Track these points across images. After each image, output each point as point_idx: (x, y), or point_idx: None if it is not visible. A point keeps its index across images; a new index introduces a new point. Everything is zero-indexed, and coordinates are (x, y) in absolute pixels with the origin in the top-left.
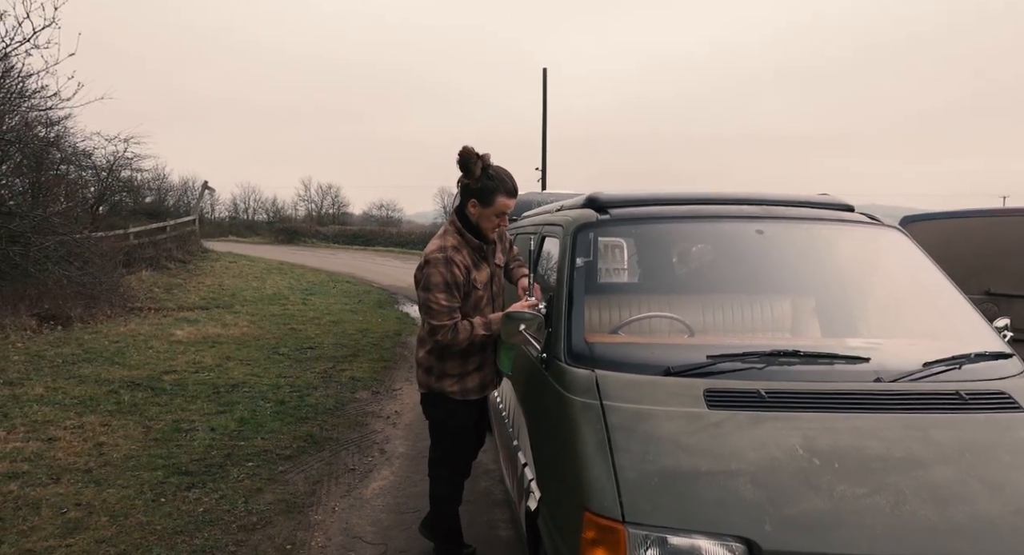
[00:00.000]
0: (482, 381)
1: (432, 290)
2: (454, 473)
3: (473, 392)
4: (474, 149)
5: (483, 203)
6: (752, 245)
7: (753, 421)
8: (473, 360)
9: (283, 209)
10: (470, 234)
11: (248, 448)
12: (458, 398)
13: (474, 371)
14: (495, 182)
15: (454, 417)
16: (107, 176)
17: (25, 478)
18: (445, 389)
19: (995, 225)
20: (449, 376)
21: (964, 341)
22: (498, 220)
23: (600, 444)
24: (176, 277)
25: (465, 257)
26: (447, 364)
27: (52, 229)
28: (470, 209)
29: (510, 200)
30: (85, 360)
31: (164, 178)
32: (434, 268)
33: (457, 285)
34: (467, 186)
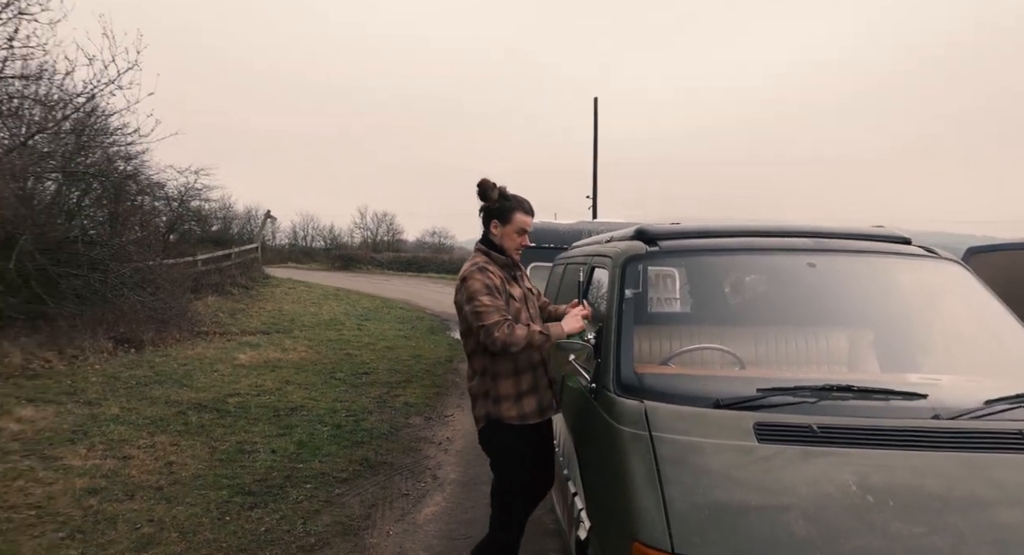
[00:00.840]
0: (540, 404)
1: (475, 297)
2: (525, 504)
3: (532, 416)
4: (490, 180)
5: (503, 221)
6: (804, 278)
7: (804, 456)
8: (525, 378)
9: (340, 236)
10: (496, 252)
11: (306, 470)
12: (517, 423)
13: (529, 392)
14: (512, 202)
15: (516, 444)
16: (178, 206)
17: (103, 494)
18: (503, 415)
19: None
20: (505, 399)
21: None
22: (519, 239)
23: (649, 475)
24: (239, 302)
25: (496, 271)
26: (500, 384)
27: (128, 257)
28: (492, 230)
29: (527, 217)
30: (156, 382)
31: (230, 207)
32: (471, 279)
33: (497, 289)
34: (488, 209)
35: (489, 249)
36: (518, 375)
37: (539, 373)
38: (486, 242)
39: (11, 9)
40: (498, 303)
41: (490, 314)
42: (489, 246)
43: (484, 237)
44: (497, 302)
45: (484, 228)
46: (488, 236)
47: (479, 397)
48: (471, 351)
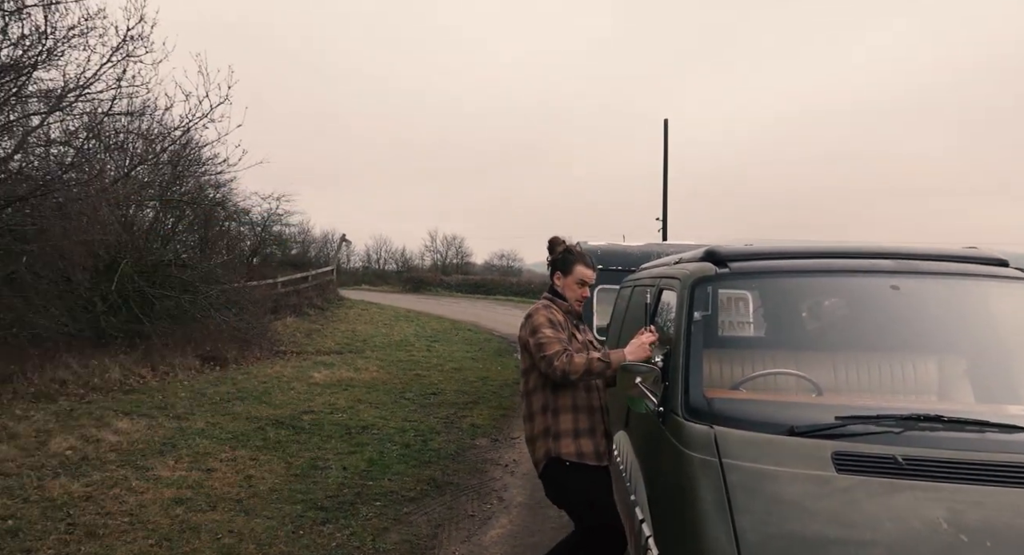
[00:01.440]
0: (596, 448)
1: (539, 330)
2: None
3: (589, 457)
4: (560, 237)
5: (565, 272)
6: (888, 301)
7: (888, 489)
8: (583, 418)
9: (411, 259)
10: (560, 299)
11: (376, 488)
12: (575, 461)
13: (587, 434)
14: (574, 255)
15: (579, 484)
16: (261, 231)
17: (188, 504)
18: (562, 451)
19: None
20: (564, 435)
21: None
22: (580, 290)
23: (719, 503)
24: (315, 323)
25: (560, 312)
26: (560, 420)
27: (216, 279)
28: (556, 281)
29: (588, 270)
30: (238, 398)
31: (308, 232)
32: (536, 315)
33: (560, 324)
34: (553, 261)
35: (554, 297)
36: (576, 412)
37: (596, 417)
38: (552, 292)
39: (121, 52)
40: (560, 335)
41: (551, 344)
42: (554, 294)
43: (551, 287)
44: (560, 335)
45: (550, 277)
46: (553, 286)
47: (539, 437)
48: (531, 389)
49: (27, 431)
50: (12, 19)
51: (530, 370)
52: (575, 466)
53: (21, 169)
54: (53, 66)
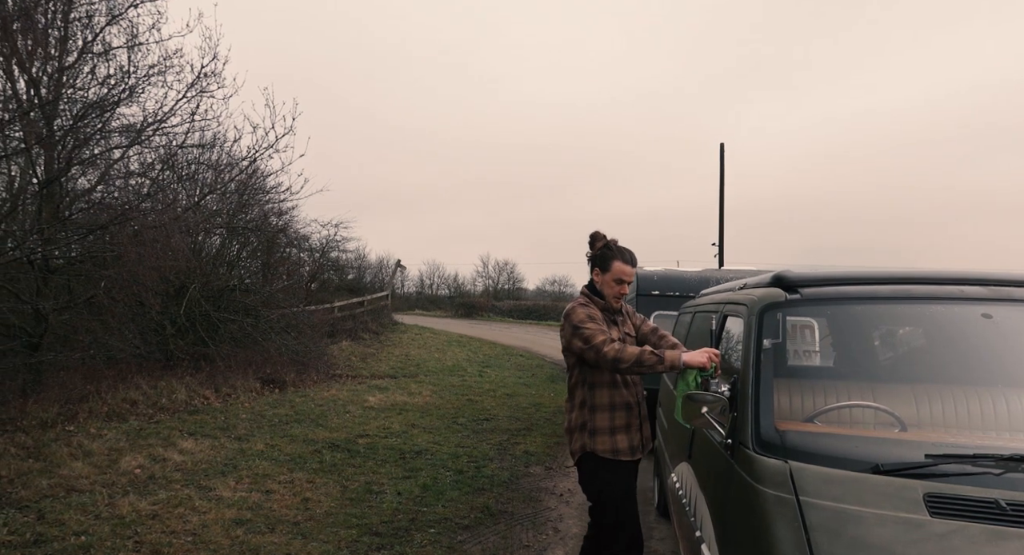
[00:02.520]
0: (631, 444)
1: (580, 326)
2: (630, 548)
3: (624, 453)
4: (601, 232)
5: (603, 269)
6: (978, 330)
7: (992, 537)
8: (620, 415)
9: (463, 285)
10: (597, 297)
11: (430, 514)
12: (610, 458)
13: (622, 430)
14: (613, 252)
15: (611, 479)
16: (319, 257)
17: (248, 525)
18: (597, 447)
19: None
20: (600, 432)
21: None
22: (618, 288)
23: (798, 545)
24: (370, 347)
25: (596, 311)
26: (597, 417)
27: (277, 303)
28: (594, 277)
29: (627, 266)
30: (295, 421)
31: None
32: (573, 313)
33: (598, 319)
34: (592, 257)
35: (591, 293)
36: (613, 411)
37: (633, 413)
38: (590, 287)
39: (195, 88)
40: (602, 326)
41: (595, 335)
42: (592, 291)
43: (589, 282)
44: (601, 326)
45: (590, 273)
46: (592, 282)
47: (576, 430)
48: (573, 385)
49: (100, 449)
50: (100, 60)
51: (574, 367)
52: (609, 462)
53: (103, 199)
54: (134, 102)
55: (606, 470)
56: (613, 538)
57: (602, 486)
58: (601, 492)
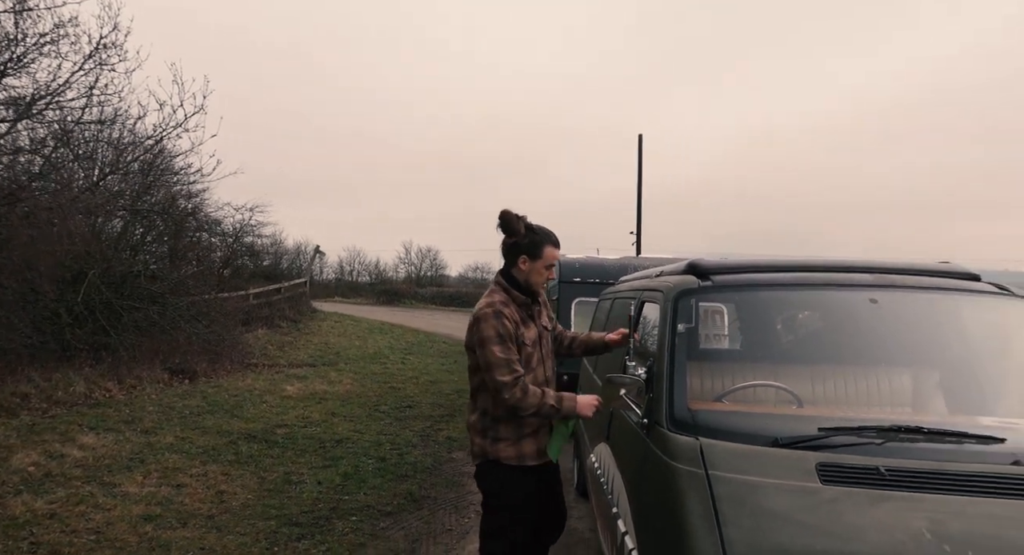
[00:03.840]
0: (539, 447)
1: (487, 344)
2: (514, 547)
3: (530, 458)
4: (512, 211)
5: (533, 256)
6: (866, 315)
7: (872, 500)
8: (529, 422)
9: (385, 271)
10: (516, 291)
11: (352, 503)
12: (514, 464)
13: (531, 435)
14: (541, 235)
15: (512, 487)
16: (233, 242)
17: (158, 521)
18: (500, 455)
19: None
20: (504, 440)
21: None
22: (548, 273)
23: (706, 515)
24: (287, 335)
25: (513, 312)
26: (501, 426)
27: (186, 290)
28: (520, 266)
29: (556, 250)
30: (208, 412)
31: (280, 243)
32: (485, 323)
33: (510, 336)
34: (515, 244)
35: (510, 286)
36: (521, 419)
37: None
38: (508, 278)
39: (93, 60)
40: (510, 355)
41: (499, 368)
42: (510, 282)
43: (506, 272)
44: (509, 354)
45: (507, 263)
46: (511, 272)
47: (478, 434)
48: (475, 387)
49: None
50: None
51: (476, 370)
52: (513, 469)
53: None
54: (23, 73)
55: (508, 477)
56: (511, 530)
57: (500, 491)
58: (500, 496)
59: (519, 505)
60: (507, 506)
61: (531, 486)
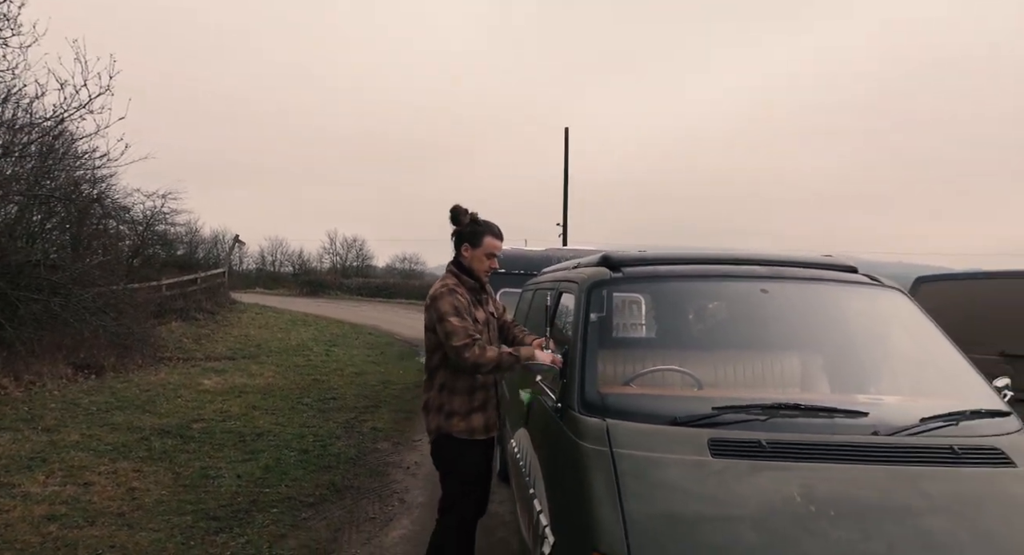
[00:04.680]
0: (486, 422)
1: (445, 317)
2: (463, 521)
3: (479, 431)
4: (462, 206)
5: (474, 244)
6: (758, 304)
7: (754, 470)
8: (478, 396)
9: (308, 261)
10: (465, 275)
11: (272, 495)
12: (465, 438)
13: (479, 410)
14: (483, 227)
15: (464, 459)
16: (143, 230)
17: (63, 520)
18: (452, 430)
19: (1009, 287)
20: (456, 414)
21: (963, 399)
22: (489, 262)
23: (610, 488)
24: (204, 328)
25: (464, 294)
26: (455, 400)
27: (92, 281)
28: (464, 254)
29: (497, 241)
30: (117, 408)
31: (196, 232)
32: (440, 300)
33: (465, 310)
34: (459, 233)
35: (459, 271)
36: (472, 393)
37: (491, 393)
38: (457, 265)
39: None
40: (467, 324)
41: (458, 335)
42: (459, 268)
43: (455, 260)
44: (466, 323)
45: (456, 251)
46: (459, 259)
47: (433, 410)
48: (434, 366)
49: None
50: None
51: (435, 350)
52: (464, 442)
53: None
54: None
55: (460, 450)
56: (460, 504)
57: (454, 464)
58: (454, 468)
59: (470, 479)
60: (458, 479)
61: (480, 459)
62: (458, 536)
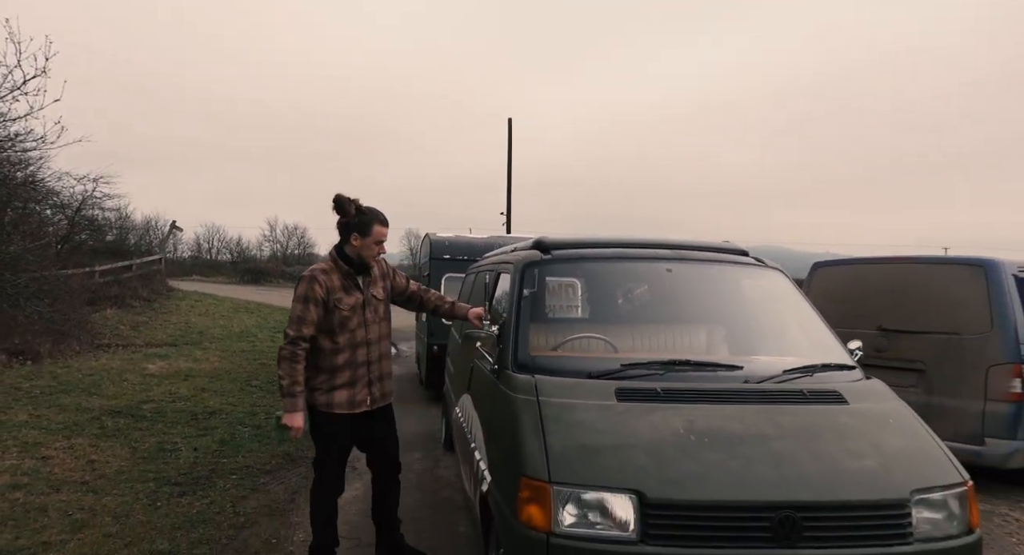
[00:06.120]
0: (351, 398)
1: (294, 302)
2: (325, 480)
3: (339, 406)
4: (345, 194)
5: (363, 234)
6: (665, 281)
7: (649, 411)
8: (342, 375)
9: (248, 249)
10: (343, 262)
11: (231, 464)
12: (323, 410)
13: (343, 387)
14: (369, 216)
15: (321, 429)
16: (73, 214)
17: (28, 488)
18: (315, 403)
19: (888, 271)
20: (317, 389)
21: (821, 357)
22: (377, 248)
23: (535, 428)
24: (142, 315)
25: (332, 280)
26: (318, 376)
27: (24, 266)
28: (352, 243)
29: (384, 228)
30: (62, 391)
31: (127, 217)
32: (300, 285)
33: (315, 300)
34: (347, 224)
35: (338, 258)
36: (333, 373)
37: (360, 372)
38: (339, 252)
39: None
40: (306, 315)
41: (291, 323)
42: (340, 256)
43: (339, 247)
44: (305, 314)
45: (341, 239)
46: (343, 247)
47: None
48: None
49: None
50: None
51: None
52: (323, 413)
53: None
54: None
55: (319, 420)
56: (321, 468)
57: (314, 432)
58: (315, 436)
59: (327, 445)
60: (320, 443)
61: (338, 430)
62: (319, 499)
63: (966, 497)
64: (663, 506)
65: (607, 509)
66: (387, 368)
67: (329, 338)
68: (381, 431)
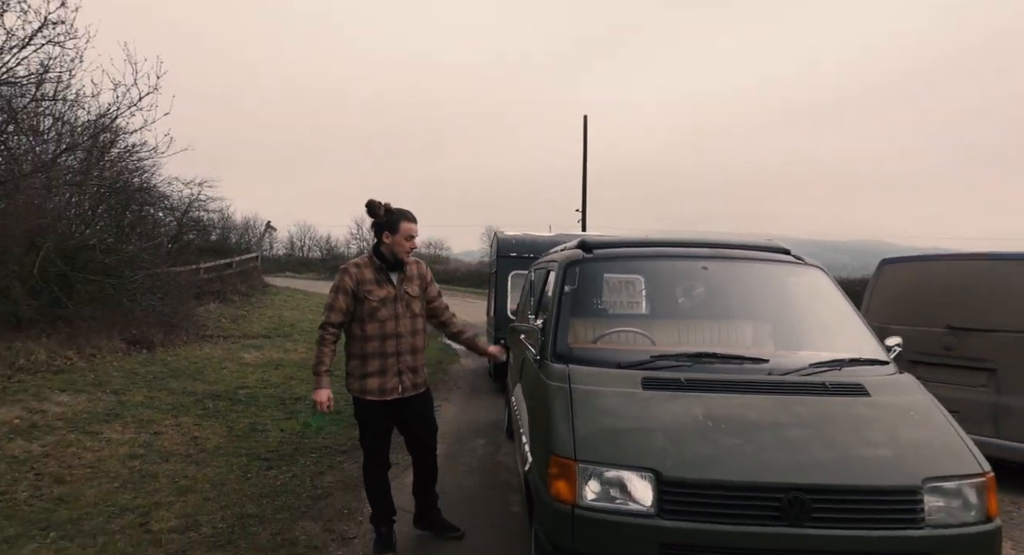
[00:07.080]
0: (382, 386)
1: (329, 291)
2: (368, 457)
3: (371, 393)
4: (376, 199)
5: (392, 231)
6: (701, 279)
7: (672, 398)
8: (373, 363)
9: (336, 247)
10: (376, 258)
11: (312, 445)
12: (356, 396)
13: (374, 374)
14: (397, 215)
15: (359, 413)
16: (181, 216)
17: (143, 458)
18: (350, 388)
19: (957, 267)
20: (350, 375)
21: (856, 353)
22: (409, 243)
23: (565, 412)
24: (240, 309)
25: (363, 273)
26: (350, 363)
27: (140, 264)
28: (384, 240)
29: (412, 224)
30: (171, 376)
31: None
32: (336, 276)
33: (344, 290)
34: (378, 224)
35: (372, 254)
36: (365, 359)
37: (389, 362)
38: (374, 250)
39: (41, 37)
40: (336, 303)
41: (325, 311)
42: (375, 253)
43: (375, 246)
44: (335, 302)
45: (376, 239)
46: (378, 246)
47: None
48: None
49: None
50: None
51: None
52: (357, 400)
53: None
54: None
55: (356, 405)
56: (365, 450)
57: (356, 415)
58: (355, 420)
59: (365, 426)
60: (359, 427)
61: (371, 415)
62: (367, 475)
63: (984, 487)
64: (678, 484)
65: (626, 486)
66: (419, 361)
67: (360, 326)
68: (414, 419)
